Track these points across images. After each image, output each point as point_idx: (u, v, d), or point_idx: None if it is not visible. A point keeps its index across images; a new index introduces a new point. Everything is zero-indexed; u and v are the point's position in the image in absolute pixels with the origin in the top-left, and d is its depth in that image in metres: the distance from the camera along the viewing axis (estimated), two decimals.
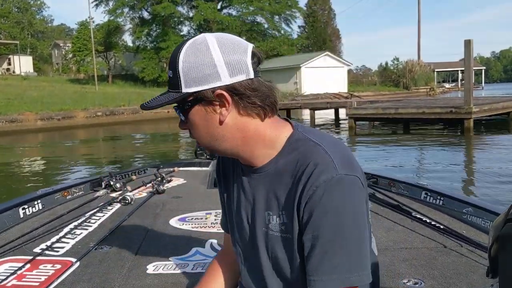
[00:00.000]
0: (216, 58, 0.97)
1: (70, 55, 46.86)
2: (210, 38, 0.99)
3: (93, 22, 44.85)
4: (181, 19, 45.49)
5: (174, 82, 0.99)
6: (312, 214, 0.96)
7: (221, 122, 1.01)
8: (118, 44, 46.07)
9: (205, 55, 0.97)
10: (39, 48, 60.66)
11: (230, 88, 0.98)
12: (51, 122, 19.98)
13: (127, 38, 71.92)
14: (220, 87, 0.97)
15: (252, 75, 0.99)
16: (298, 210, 0.99)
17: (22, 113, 19.48)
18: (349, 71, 50.89)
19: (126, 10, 44.02)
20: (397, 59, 53.82)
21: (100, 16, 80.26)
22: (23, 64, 43.94)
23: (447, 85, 65.56)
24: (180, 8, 44.16)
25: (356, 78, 55.04)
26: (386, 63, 57.64)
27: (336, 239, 0.95)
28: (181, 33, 45.72)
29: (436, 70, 61.83)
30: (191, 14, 44.68)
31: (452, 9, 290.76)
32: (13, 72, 44.08)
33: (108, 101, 24.07)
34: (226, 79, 0.97)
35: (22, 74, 39.93)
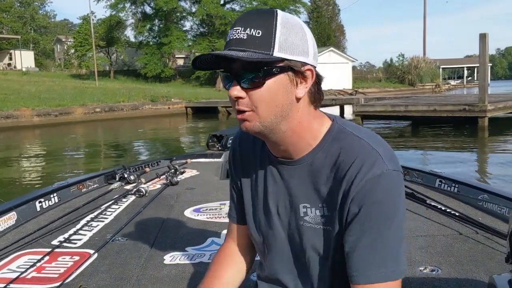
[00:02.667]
0: (307, 35, 0.98)
1: (72, 51, 46.42)
2: (296, 17, 0.99)
3: (95, 16, 44.64)
4: (184, 14, 44.95)
5: (262, 42, 0.92)
6: (360, 207, 0.95)
7: (297, 99, 0.98)
8: (120, 39, 45.59)
9: (300, 29, 0.97)
10: (41, 43, 60.33)
11: (314, 68, 0.99)
12: (48, 118, 19.33)
13: (130, 33, 71.62)
14: (308, 63, 0.97)
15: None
16: (344, 203, 0.97)
17: (18, 108, 18.85)
18: (353, 68, 50.28)
19: (128, 5, 43.47)
20: (403, 55, 53.09)
21: (102, 11, 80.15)
22: (24, 59, 43.70)
23: (452, 82, 64.79)
24: (182, 3, 43.65)
25: (361, 74, 54.43)
26: (391, 59, 56.91)
27: (384, 233, 0.95)
28: (184, 28, 45.21)
29: (441, 66, 61.10)
30: (194, 10, 44.11)
31: (457, 5, 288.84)
32: (14, 67, 43.89)
33: (107, 97, 23.50)
34: (310, 59, 0.97)
35: (24, 69, 39.50)
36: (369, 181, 0.94)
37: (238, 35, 0.93)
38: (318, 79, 1.01)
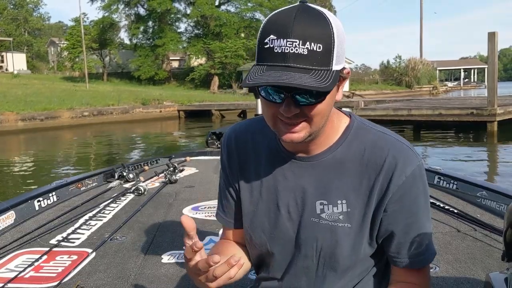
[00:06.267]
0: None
1: (66, 53, 45.79)
2: (337, 18, 0.92)
3: (87, 18, 44.00)
4: (178, 16, 44.39)
5: (322, 58, 0.87)
6: (404, 202, 0.98)
7: (335, 102, 0.98)
8: (113, 41, 44.93)
9: (343, 33, 0.91)
10: (35, 45, 59.80)
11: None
12: (33, 123, 18.40)
13: (124, 36, 71.14)
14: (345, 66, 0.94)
15: None
16: (381, 200, 0.98)
17: (2, 113, 17.82)
18: (350, 70, 49.62)
19: (121, 6, 42.86)
20: (400, 57, 52.52)
21: (95, 13, 79.84)
22: (16, 61, 43.39)
23: (449, 84, 64.38)
24: (177, 5, 43.05)
25: (357, 77, 53.89)
26: (388, 61, 56.35)
27: (427, 220, 1.02)
28: (178, 30, 44.64)
29: (437, 68, 60.66)
30: (188, 11, 43.55)
31: (452, 7, 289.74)
32: (6, 69, 43.49)
33: (97, 100, 22.64)
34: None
35: (15, 71, 38.95)
36: (409, 176, 0.96)
37: (297, 50, 0.85)
38: None
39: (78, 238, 2.71)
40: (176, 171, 4.28)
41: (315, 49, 0.85)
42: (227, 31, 39.99)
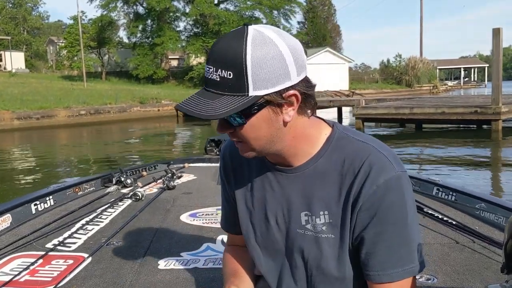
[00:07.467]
0: (285, 55, 0.90)
1: (64, 52, 45.59)
2: (269, 32, 0.91)
3: (86, 16, 43.72)
4: (177, 14, 44.17)
5: (235, 84, 0.89)
6: (374, 212, 0.96)
7: (285, 124, 0.96)
8: (112, 40, 44.71)
9: (275, 53, 0.89)
10: (34, 44, 59.61)
11: (299, 87, 0.93)
12: (29, 122, 18.19)
13: (123, 34, 70.92)
14: (291, 87, 0.91)
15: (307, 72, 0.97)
16: (353, 208, 0.97)
17: None
18: (349, 69, 49.49)
19: (119, 4, 42.65)
20: (400, 56, 52.34)
21: (94, 11, 79.29)
22: (14, 60, 43.34)
23: (450, 83, 64.20)
24: (176, 3, 42.84)
25: (357, 75, 53.68)
26: (388, 60, 56.16)
27: (400, 233, 0.97)
28: (177, 29, 44.42)
29: (437, 67, 60.46)
30: (187, 10, 43.32)
31: (452, 6, 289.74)
32: (4, 68, 43.43)
33: (94, 99, 22.42)
34: (295, 78, 0.92)
35: (13, 70, 38.80)
36: (381, 186, 0.94)
37: (212, 76, 0.90)
38: (309, 87, 0.95)
39: (75, 243, 2.69)
40: (175, 177, 4.24)
41: (225, 76, 0.88)
42: (226, 29, 39.75)
